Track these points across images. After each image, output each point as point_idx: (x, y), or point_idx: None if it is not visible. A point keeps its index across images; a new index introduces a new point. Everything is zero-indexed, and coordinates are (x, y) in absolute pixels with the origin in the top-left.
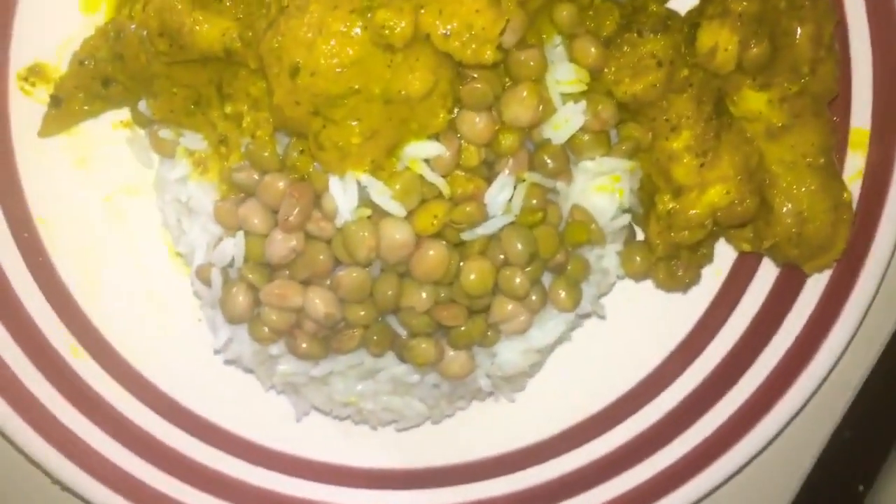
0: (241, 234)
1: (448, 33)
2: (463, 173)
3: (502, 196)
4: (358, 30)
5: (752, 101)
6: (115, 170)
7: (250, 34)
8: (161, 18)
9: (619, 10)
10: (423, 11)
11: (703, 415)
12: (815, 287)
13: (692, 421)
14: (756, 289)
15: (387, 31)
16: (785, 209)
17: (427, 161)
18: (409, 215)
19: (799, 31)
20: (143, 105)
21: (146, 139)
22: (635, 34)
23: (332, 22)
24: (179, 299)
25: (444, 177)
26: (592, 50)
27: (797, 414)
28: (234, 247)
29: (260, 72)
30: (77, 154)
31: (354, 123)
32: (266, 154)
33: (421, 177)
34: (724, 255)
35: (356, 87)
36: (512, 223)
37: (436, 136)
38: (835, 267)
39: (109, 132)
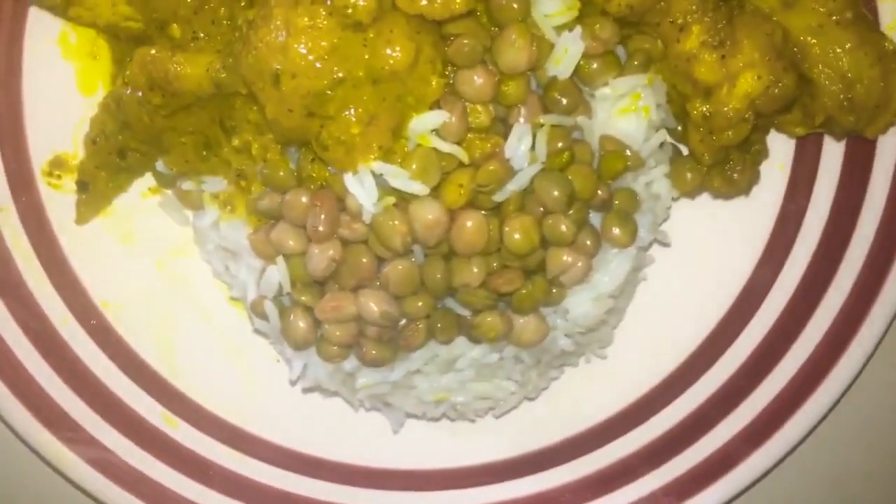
0: (280, 259)
1: None
2: (477, 134)
3: (523, 146)
4: (324, 19)
5: None
6: (159, 236)
7: (231, 61)
8: (146, 72)
9: None
10: None
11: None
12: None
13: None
14: (827, 172)
15: (350, 10)
16: (826, 77)
17: (436, 132)
18: (435, 191)
19: None
20: (160, 165)
21: (175, 199)
22: None
23: (297, 20)
24: (251, 343)
25: (458, 143)
26: None
27: None
28: (277, 274)
29: (251, 95)
30: (120, 231)
31: (350, 114)
32: (281, 174)
33: (435, 150)
34: (782, 146)
35: (340, 75)
36: (541, 170)
37: (437, 105)
38: None
39: (142, 202)
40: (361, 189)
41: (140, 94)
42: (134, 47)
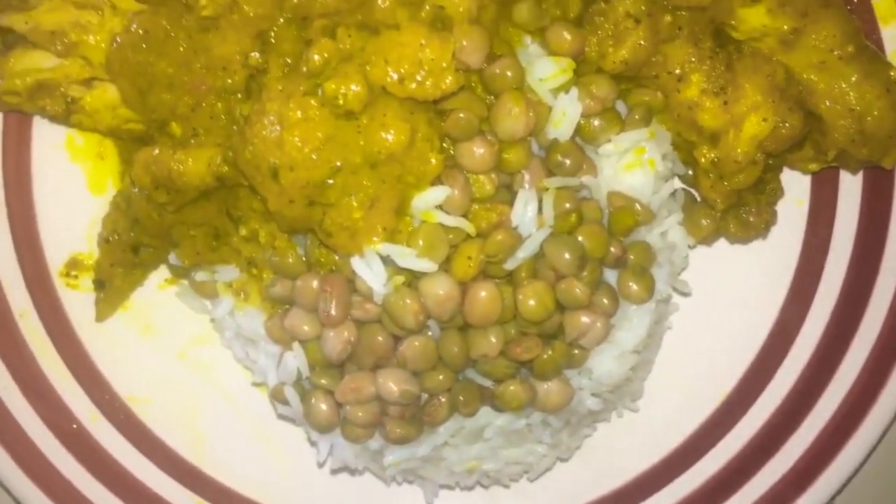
0: (296, 345)
1: (402, 78)
2: (482, 204)
3: (529, 212)
4: (316, 111)
5: (752, 19)
6: (179, 325)
7: (231, 154)
8: (149, 172)
9: None
10: (369, 67)
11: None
12: None
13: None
14: (847, 201)
15: (341, 101)
16: (834, 112)
17: (440, 207)
18: (445, 265)
19: None
20: (173, 257)
21: (191, 288)
22: (601, 2)
23: (290, 113)
24: (278, 425)
25: (463, 215)
26: (566, 35)
27: None
28: (295, 360)
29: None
30: (139, 324)
31: (351, 199)
32: (290, 260)
33: (441, 224)
34: (797, 181)
35: (337, 164)
36: (550, 235)
37: (438, 180)
38: None
39: (159, 294)
40: (369, 272)
41: (146, 193)
42: (139, 145)
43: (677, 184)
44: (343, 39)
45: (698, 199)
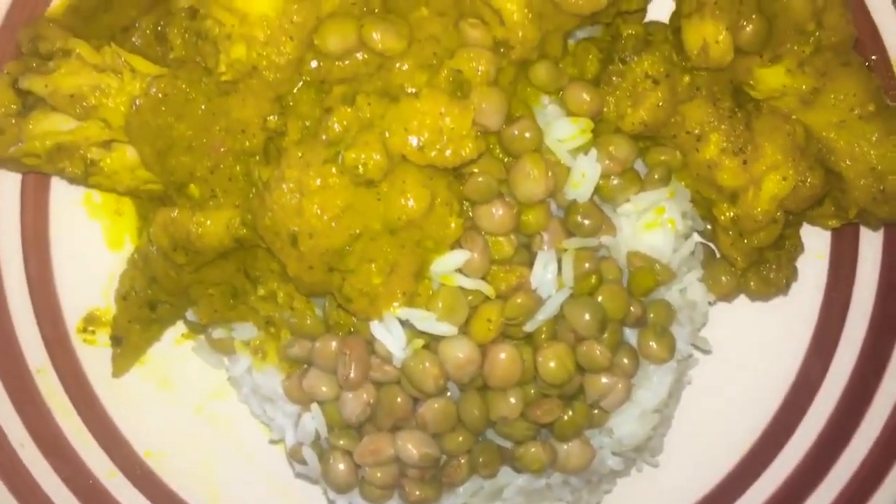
0: (315, 406)
1: (422, 146)
2: (502, 266)
3: (549, 274)
4: (335, 178)
5: (771, 79)
6: (196, 380)
7: (250, 217)
8: (168, 234)
9: (595, 45)
10: (388, 135)
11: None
12: None
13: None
14: (868, 255)
15: (361, 170)
16: (855, 171)
17: (460, 269)
18: (464, 327)
19: None
20: (190, 314)
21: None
22: (619, 63)
23: (309, 181)
24: (296, 481)
25: (482, 278)
26: (584, 95)
27: None
28: (313, 420)
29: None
30: (156, 378)
31: (371, 266)
32: (308, 322)
33: (460, 287)
34: (818, 235)
35: (357, 231)
36: (570, 296)
37: (457, 243)
38: None
39: (176, 348)
40: (389, 336)
41: (164, 253)
42: (157, 204)
43: (696, 238)
44: (363, 107)
45: (718, 254)
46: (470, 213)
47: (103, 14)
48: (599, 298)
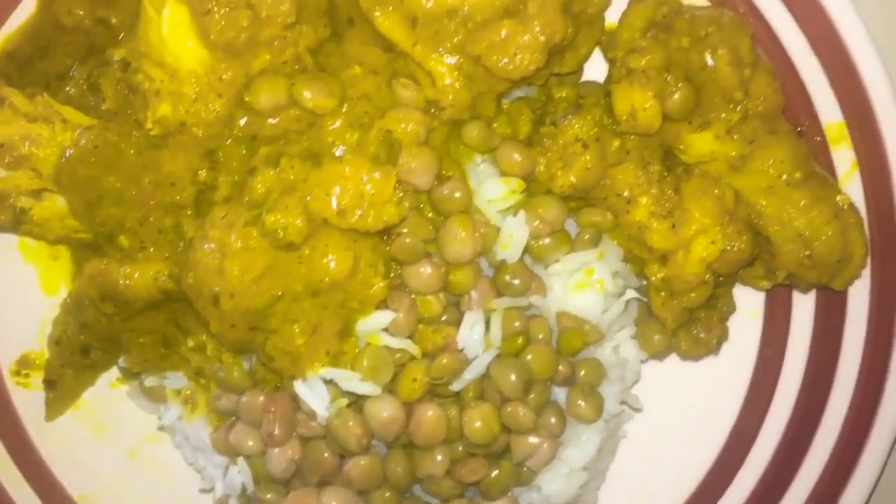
0: (241, 460)
1: (343, 211)
2: (429, 325)
3: (476, 334)
4: (257, 241)
5: (700, 144)
6: (130, 424)
7: (177, 271)
8: (96, 285)
9: (529, 106)
10: (310, 199)
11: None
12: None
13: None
14: (802, 314)
15: (281, 234)
16: (783, 236)
17: (386, 328)
18: (391, 384)
19: (712, 60)
20: (122, 361)
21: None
22: (551, 125)
23: (231, 242)
24: None
25: (409, 337)
26: (516, 156)
27: None
28: (240, 474)
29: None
30: (91, 422)
31: (293, 326)
32: (235, 375)
33: (386, 346)
34: (752, 292)
35: (278, 293)
36: (497, 356)
37: (383, 302)
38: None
39: (111, 392)
40: (312, 395)
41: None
42: (89, 251)
43: (631, 294)
44: (286, 169)
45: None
46: (398, 271)
47: (39, 61)
48: (529, 357)
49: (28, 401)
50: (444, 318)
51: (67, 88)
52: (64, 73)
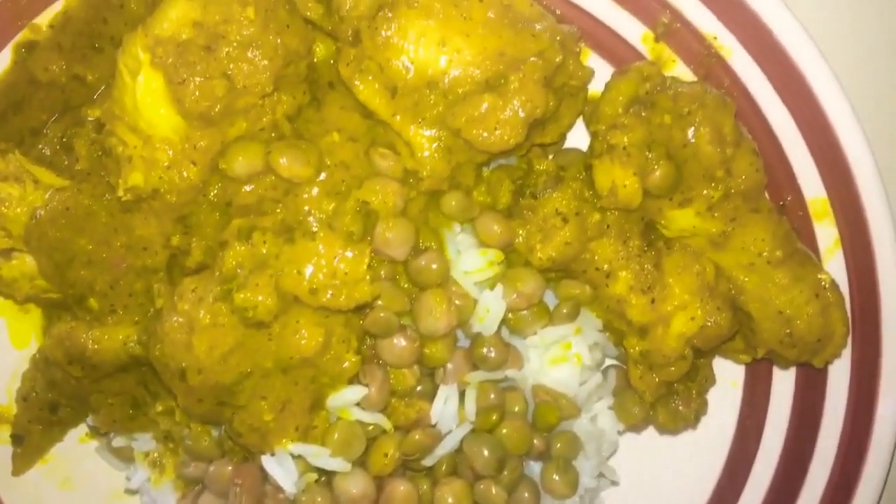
0: None
1: (315, 290)
2: (402, 399)
3: (450, 408)
4: (226, 317)
5: (681, 220)
6: (99, 480)
7: (146, 338)
8: (63, 348)
9: (509, 175)
10: (281, 275)
11: None
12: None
13: None
14: (782, 386)
15: (250, 313)
16: (763, 314)
17: (358, 403)
18: (362, 458)
19: (694, 138)
20: (91, 419)
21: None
22: (531, 198)
23: (200, 318)
24: None
25: (381, 411)
26: (495, 227)
27: None
28: None
29: None
30: (58, 477)
31: (262, 403)
32: (204, 443)
33: (358, 420)
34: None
35: (247, 370)
36: (471, 431)
37: (355, 377)
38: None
39: (79, 447)
40: (280, 470)
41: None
42: (59, 309)
43: (610, 361)
44: (258, 244)
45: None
46: (371, 342)
47: (13, 116)
48: (503, 431)
49: None
50: (418, 388)
51: (41, 146)
52: (38, 129)
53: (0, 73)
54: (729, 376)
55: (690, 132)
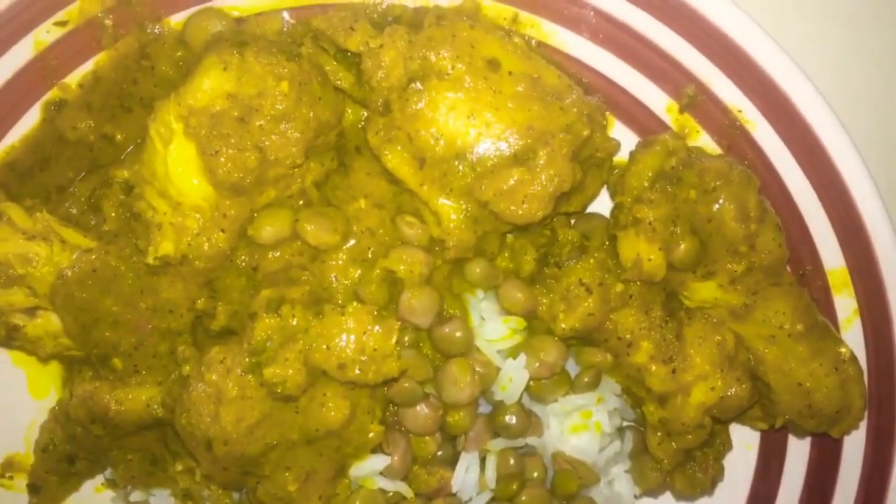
0: None
1: (343, 365)
2: (423, 467)
3: (470, 477)
4: (254, 390)
5: (703, 292)
6: None
7: (169, 400)
8: (86, 407)
9: (533, 243)
10: (310, 350)
11: None
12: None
13: None
14: (797, 451)
15: (279, 388)
16: (783, 385)
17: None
18: None
19: (719, 214)
20: (110, 472)
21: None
22: (555, 267)
23: (228, 389)
24: None
25: (403, 479)
26: (518, 295)
27: None
28: None
29: None
30: None
31: (286, 474)
32: None
33: (380, 489)
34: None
35: (273, 441)
36: (491, 499)
37: (378, 446)
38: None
39: (95, 497)
40: None
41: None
42: (83, 364)
43: (626, 422)
44: (287, 317)
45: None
46: (393, 409)
47: (39, 173)
48: (523, 499)
49: (10, 503)
50: (438, 457)
51: (67, 205)
52: (64, 186)
53: (28, 130)
54: (743, 440)
55: (715, 207)
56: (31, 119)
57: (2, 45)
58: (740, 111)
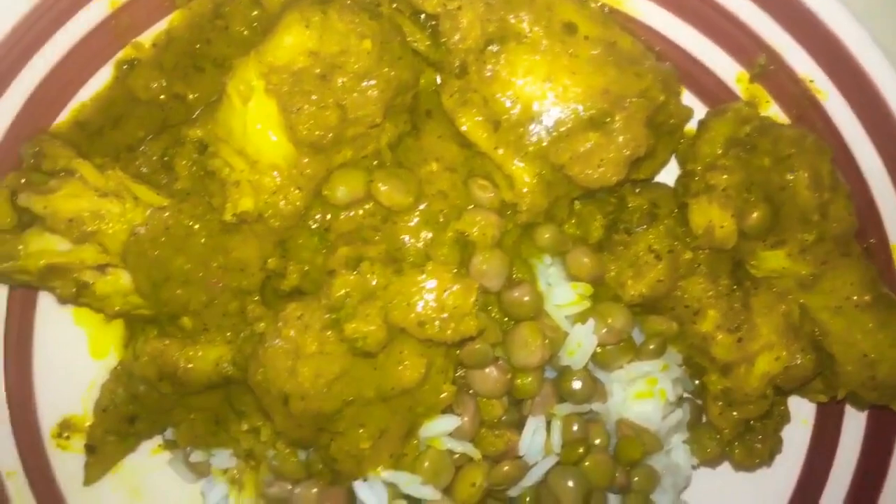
0: None
1: (422, 322)
2: (490, 430)
3: (537, 441)
4: (333, 346)
5: (772, 261)
6: (168, 493)
7: (239, 358)
8: (156, 365)
9: (601, 210)
10: (390, 307)
11: None
12: None
13: None
14: (852, 426)
15: (360, 344)
16: (847, 356)
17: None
18: (448, 488)
19: (794, 181)
20: (169, 433)
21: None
22: (624, 233)
23: (307, 345)
24: None
25: (471, 441)
26: (586, 261)
27: None
28: None
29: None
30: (128, 487)
31: (360, 430)
32: (291, 464)
33: (448, 449)
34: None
35: (349, 398)
36: (556, 464)
37: (449, 407)
38: None
39: (151, 459)
40: (372, 496)
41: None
42: (146, 323)
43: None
44: (366, 274)
45: (705, 416)
46: (462, 371)
47: (110, 131)
48: (587, 463)
49: (67, 463)
50: (504, 420)
51: (138, 163)
52: (134, 146)
53: (100, 88)
54: (799, 414)
55: (790, 176)
56: (102, 78)
57: (77, 3)
58: (812, 81)
